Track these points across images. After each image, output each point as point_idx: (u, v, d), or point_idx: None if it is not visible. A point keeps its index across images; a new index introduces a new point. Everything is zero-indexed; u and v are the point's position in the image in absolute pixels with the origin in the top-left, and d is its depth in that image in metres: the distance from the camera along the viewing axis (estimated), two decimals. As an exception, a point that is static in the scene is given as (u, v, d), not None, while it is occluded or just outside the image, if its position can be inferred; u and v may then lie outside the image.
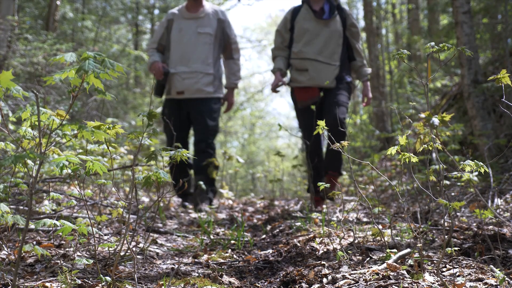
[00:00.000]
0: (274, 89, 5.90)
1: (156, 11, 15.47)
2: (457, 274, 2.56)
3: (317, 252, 3.39)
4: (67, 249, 3.40)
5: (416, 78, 10.96)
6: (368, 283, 2.49)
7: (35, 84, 6.99)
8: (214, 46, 6.52)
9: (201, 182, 6.14)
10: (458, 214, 4.59)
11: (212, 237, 4.30)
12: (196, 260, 3.46)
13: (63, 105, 7.39)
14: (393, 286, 2.38)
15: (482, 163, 2.53)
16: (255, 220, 5.80)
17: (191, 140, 8.78)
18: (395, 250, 3.01)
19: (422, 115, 2.55)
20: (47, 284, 2.50)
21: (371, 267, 2.77)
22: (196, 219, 5.49)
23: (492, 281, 2.37)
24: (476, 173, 4.90)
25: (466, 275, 2.53)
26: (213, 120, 6.52)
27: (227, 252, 3.71)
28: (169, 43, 6.48)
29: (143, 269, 3.11)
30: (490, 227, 3.80)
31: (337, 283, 2.55)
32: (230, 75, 6.71)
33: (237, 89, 7.03)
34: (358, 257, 3.13)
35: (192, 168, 6.55)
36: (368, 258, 3.06)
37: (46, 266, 2.95)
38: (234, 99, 6.89)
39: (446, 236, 3.09)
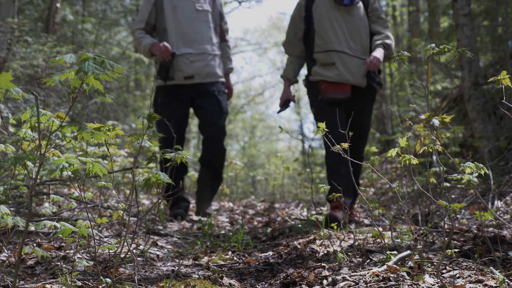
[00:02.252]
0: (282, 108, 5.24)
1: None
2: (457, 276, 2.56)
3: (317, 254, 3.40)
4: (67, 251, 3.40)
5: (417, 81, 10.96)
6: (368, 285, 2.49)
7: (35, 86, 6.99)
8: (214, 25, 5.91)
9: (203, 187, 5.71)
10: (458, 216, 4.59)
11: (212, 239, 4.29)
12: (196, 262, 3.46)
13: (63, 108, 7.39)
14: (393, 288, 2.38)
15: (482, 165, 2.53)
16: (255, 223, 5.80)
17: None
18: (395, 252, 3.01)
19: (423, 117, 2.55)
20: (47, 286, 2.50)
21: (371, 269, 2.77)
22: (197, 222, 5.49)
23: (492, 282, 2.37)
24: (476, 175, 4.90)
25: (466, 277, 2.53)
26: (225, 102, 5.92)
27: (227, 254, 3.71)
28: (164, 23, 5.70)
29: (144, 271, 3.11)
30: (490, 229, 3.79)
31: (337, 285, 2.55)
32: (226, 60, 6.16)
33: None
34: (358, 259, 3.13)
35: (200, 160, 5.92)
36: (368, 260, 3.06)
37: (46, 268, 2.95)
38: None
39: (446, 238, 3.09)
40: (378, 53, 4.73)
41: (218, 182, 5.98)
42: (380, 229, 4.06)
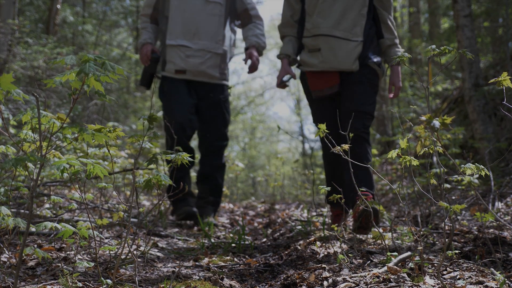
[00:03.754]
0: (280, 84, 4.57)
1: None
2: (458, 277, 2.56)
3: (317, 255, 3.39)
4: (68, 252, 3.40)
5: (417, 82, 10.97)
6: (369, 286, 2.49)
7: (35, 87, 6.99)
8: (225, 20, 5.36)
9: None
10: (458, 217, 4.59)
11: (213, 240, 4.29)
12: (197, 263, 3.46)
13: (63, 109, 7.40)
14: (394, 289, 2.38)
15: (483, 167, 2.53)
16: (255, 224, 5.80)
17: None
18: (395, 253, 3.01)
19: (423, 118, 2.55)
20: (48, 287, 2.50)
21: (372, 270, 2.77)
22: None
23: (492, 284, 2.37)
24: (477, 176, 4.90)
25: (467, 278, 2.53)
26: (229, 110, 5.50)
27: (228, 255, 3.71)
28: (167, 10, 5.24)
29: (144, 272, 3.11)
30: (491, 230, 3.79)
31: (338, 286, 2.55)
32: (251, 36, 5.46)
33: (260, 56, 5.55)
34: (358, 260, 3.13)
35: (199, 175, 5.51)
36: (369, 261, 3.06)
37: (47, 269, 2.95)
38: (259, 60, 5.45)
39: (446, 239, 3.09)
40: (398, 77, 4.40)
41: (220, 196, 5.57)
42: (381, 230, 4.06)
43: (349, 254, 3.27)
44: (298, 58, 4.55)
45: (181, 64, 5.20)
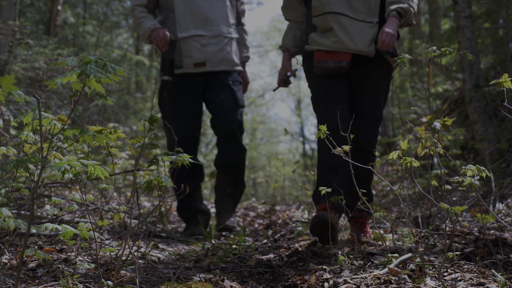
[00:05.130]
0: (281, 83, 4.16)
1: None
2: (459, 278, 2.56)
3: (318, 257, 3.39)
4: (69, 253, 3.40)
5: (418, 83, 10.97)
6: (370, 287, 2.49)
7: (36, 89, 7.00)
8: (230, 4, 4.98)
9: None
10: (459, 218, 4.59)
11: (213, 241, 4.29)
12: (197, 264, 3.46)
13: (64, 110, 7.40)
14: (395, 291, 2.38)
15: (483, 168, 2.53)
16: (256, 225, 5.80)
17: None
18: (396, 255, 3.01)
19: (424, 119, 2.55)
20: (49, 289, 2.50)
21: (373, 272, 2.77)
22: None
23: (493, 285, 2.37)
24: (478, 177, 4.91)
25: (468, 280, 2.53)
26: (241, 93, 5.06)
27: (228, 257, 3.71)
28: (170, 0, 4.80)
29: (145, 273, 3.11)
30: (492, 231, 3.80)
31: (339, 288, 2.56)
32: (242, 47, 5.16)
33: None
34: (359, 261, 3.13)
35: (215, 164, 5.04)
36: (370, 263, 3.06)
37: (47, 271, 2.95)
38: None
39: (447, 241, 3.09)
40: (391, 26, 3.65)
41: (240, 188, 5.08)
42: (381, 231, 4.06)
43: (350, 256, 3.27)
44: (306, 46, 3.99)
45: (199, 55, 4.75)
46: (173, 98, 4.85)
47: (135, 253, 3.60)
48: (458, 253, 2.84)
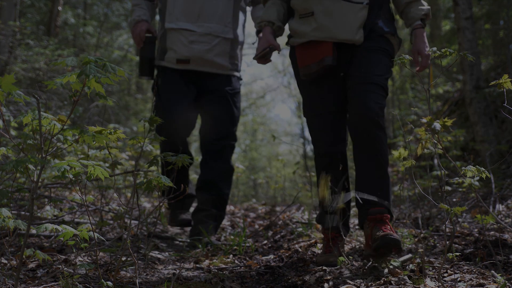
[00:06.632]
0: (259, 57, 3.37)
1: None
2: (459, 279, 2.56)
3: (318, 258, 3.39)
4: (69, 254, 3.40)
5: (418, 84, 10.97)
6: (370, 288, 2.49)
7: (36, 89, 7.00)
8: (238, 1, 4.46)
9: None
10: (459, 219, 4.59)
11: (213, 242, 4.29)
12: (197, 265, 3.46)
13: (64, 111, 7.40)
14: (395, 292, 2.38)
15: (483, 169, 2.53)
16: (256, 226, 5.79)
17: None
18: (396, 256, 3.00)
19: (424, 120, 2.55)
20: (48, 289, 2.50)
21: (373, 272, 2.77)
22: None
23: (493, 286, 2.37)
24: (478, 178, 4.90)
25: (468, 281, 2.52)
26: (239, 105, 4.57)
27: (228, 258, 3.71)
28: None
29: (145, 274, 3.11)
30: (492, 232, 3.79)
31: (339, 289, 2.55)
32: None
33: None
34: (359, 262, 3.13)
35: (200, 182, 4.52)
36: (370, 263, 3.06)
37: (47, 271, 2.94)
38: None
39: (447, 242, 3.09)
40: (424, 43, 3.20)
41: (224, 209, 4.60)
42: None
43: (350, 256, 3.27)
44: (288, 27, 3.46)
45: (184, 51, 4.26)
46: (169, 83, 4.35)
47: (135, 254, 3.60)
48: (458, 254, 2.83)
